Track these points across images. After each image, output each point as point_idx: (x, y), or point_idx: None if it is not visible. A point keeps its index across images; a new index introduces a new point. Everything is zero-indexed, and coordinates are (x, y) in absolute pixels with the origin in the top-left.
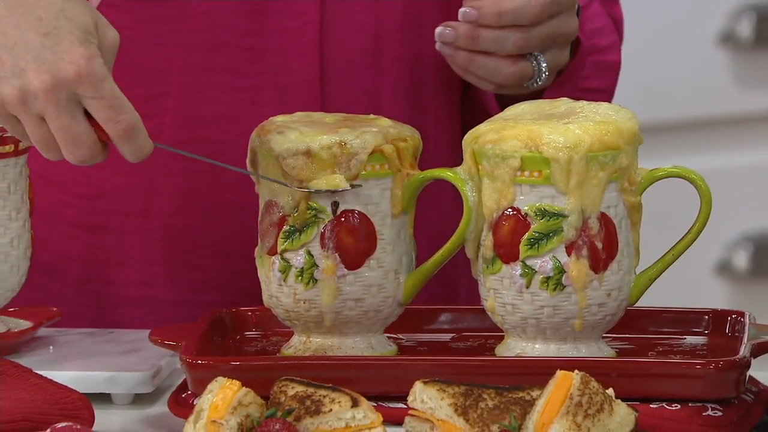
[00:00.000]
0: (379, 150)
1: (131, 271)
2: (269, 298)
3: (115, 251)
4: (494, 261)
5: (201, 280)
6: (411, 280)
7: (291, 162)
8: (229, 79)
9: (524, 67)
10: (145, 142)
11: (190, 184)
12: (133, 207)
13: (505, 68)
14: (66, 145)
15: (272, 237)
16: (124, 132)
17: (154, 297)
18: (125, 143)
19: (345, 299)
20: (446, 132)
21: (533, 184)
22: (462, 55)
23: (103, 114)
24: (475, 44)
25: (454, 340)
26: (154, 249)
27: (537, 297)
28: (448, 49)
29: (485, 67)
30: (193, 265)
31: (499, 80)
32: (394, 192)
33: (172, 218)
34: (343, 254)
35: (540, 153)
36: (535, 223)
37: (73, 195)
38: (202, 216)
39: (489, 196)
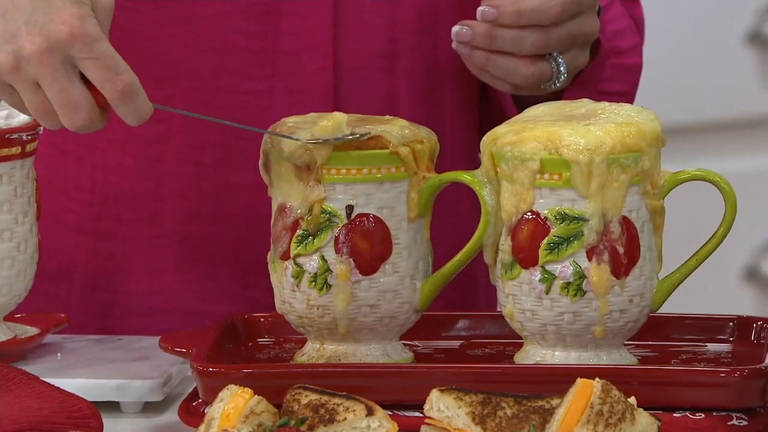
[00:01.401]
0: (395, 152)
1: (138, 280)
2: (282, 304)
3: (122, 259)
4: (513, 266)
5: (211, 290)
6: (427, 285)
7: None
8: (239, 82)
9: (542, 67)
10: (145, 103)
11: (198, 189)
12: (140, 213)
13: (523, 69)
14: (64, 111)
15: (285, 241)
16: (122, 93)
17: (163, 307)
18: (124, 104)
19: (359, 305)
20: (462, 135)
21: (553, 188)
22: (479, 55)
23: (99, 74)
24: (492, 44)
25: (471, 347)
26: (162, 257)
27: (557, 303)
28: (464, 48)
29: (502, 67)
30: (203, 273)
31: (517, 81)
32: (411, 195)
33: (180, 225)
34: (357, 259)
35: (560, 155)
36: (555, 228)
37: (76, 201)
38: (212, 222)
39: (508, 200)
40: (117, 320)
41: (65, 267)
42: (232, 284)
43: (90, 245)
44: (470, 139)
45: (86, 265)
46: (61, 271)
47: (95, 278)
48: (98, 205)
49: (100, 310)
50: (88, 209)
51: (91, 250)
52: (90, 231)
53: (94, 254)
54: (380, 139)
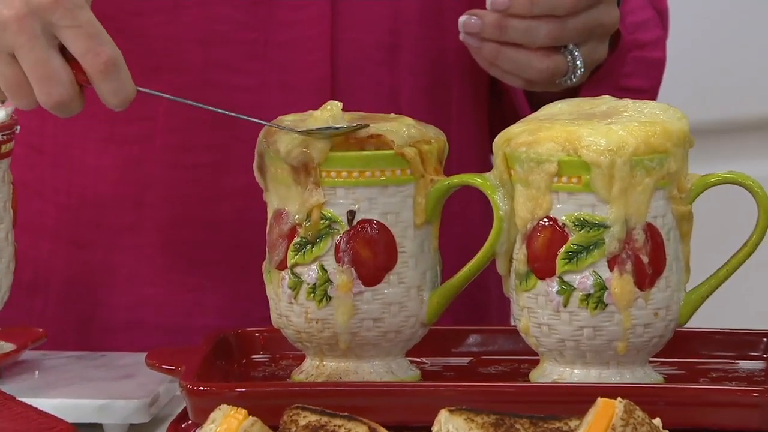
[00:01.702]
0: (401, 153)
1: (120, 292)
2: (278, 317)
3: (102, 268)
4: (528, 277)
5: (200, 302)
6: (435, 297)
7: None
8: (228, 77)
9: (557, 61)
10: (128, 81)
11: (185, 193)
12: (121, 219)
13: (537, 62)
14: (40, 84)
15: (281, 250)
16: (105, 66)
17: (146, 322)
18: (105, 80)
19: (362, 319)
20: (471, 134)
21: (571, 192)
22: (488, 47)
23: (81, 45)
24: (503, 35)
25: (483, 365)
26: (146, 267)
27: (576, 317)
28: (472, 40)
29: (514, 61)
30: (191, 285)
31: (530, 75)
32: (417, 200)
33: (165, 232)
34: (359, 269)
35: (579, 157)
36: (574, 235)
37: (52, 204)
38: (201, 229)
39: (522, 205)
40: (97, 335)
41: (41, 276)
42: (223, 296)
43: (67, 253)
44: (479, 139)
45: (63, 274)
46: (37, 280)
47: (73, 289)
48: (76, 209)
49: (79, 324)
50: (65, 213)
51: (68, 258)
52: (67, 237)
53: (71, 262)
54: (384, 139)
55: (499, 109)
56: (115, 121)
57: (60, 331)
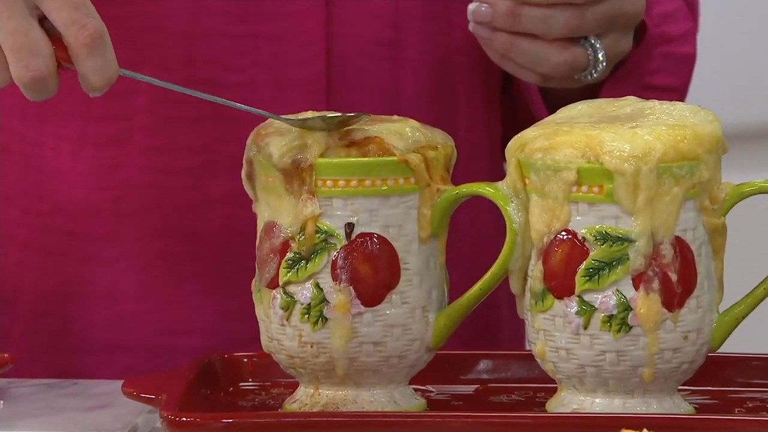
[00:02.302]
0: (404, 160)
1: (96, 308)
2: (269, 341)
3: (75, 283)
4: (544, 296)
5: (183, 321)
6: (442, 319)
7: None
8: (214, 73)
9: (577, 54)
10: (113, 60)
11: (167, 200)
12: (97, 228)
13: (554, 55)
14: (18, 55)
15: (273, 266)
16: (90, 39)
17: (124, 342)
18: (89, 56)
19: (361, 342)
20: (481, 139)
21: (592, 202)
22: (500, 39)
23: (65, 15)
24: (516, 25)
25: (494, 393)
26: (123, 281)
27: (597, 340)
28: (483, 30)
29: (528, 54)
30: (173, 302)
31: (546, 70)
32: (422, 211)
33: (145, 243)
34: (359, 287)
35: (600, 164)
36: (595, 250)
37: (21, 209)
38: (184, 241)
39: (538, 217)
40: (70, 356)
41: (8, 290)
42: (208, 315)
43: (37, 264)
44: (490, 145)
45: (33, 287)
46: (3, 294)
47: (44, 304)
48: (48, 216)
49: (50, 343)
50: (35, 220)
51: (38, 270)
52: (37, 247)
53: (42, 275)
54: (385, 143)
55: (513, 111)
56: (89, 119)
57: (28, 351)
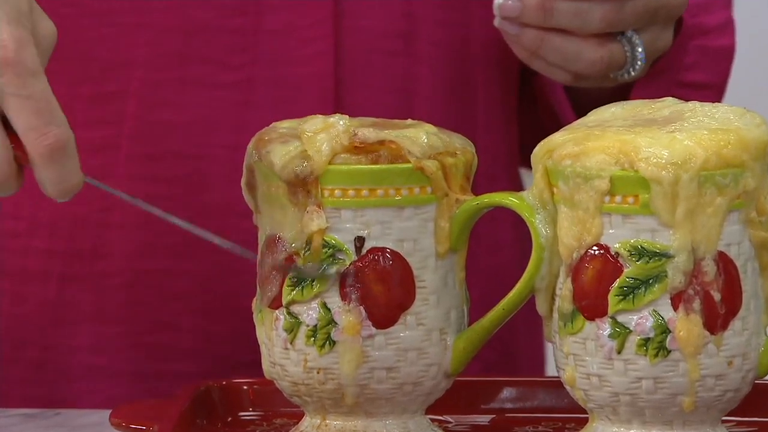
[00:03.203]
0: (419, 167)
1: (79, 332)
2: (271, 366)
3: (58, 305)
4: (574, 317)
5: (173, 345)
6: (461, 342)
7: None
8: (210, 72)
9: (613, 50)
10: (74, 171)
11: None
12: (80, 245)
13: (588, 52)
14: None
15: (275, 284)
16: (49, 150)
17: (110, 367)
18: (48, 166)
19: (373, 368)
20: (500, 143)
21: (627, 214)
22: (530, 35)
23: (26, 120)
24: (548, 19)
25: (519, 424)
26: (110, 302)
27: (632, 365)
28: (510, 26)
29: (561, 51)
30: (162, 323)
31: (579, 68)
32: (440, 224)
33: (132, 260)
34: (370, 307)
35: (636, 171)
36: (630, 266)
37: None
38: (174, 257)
39: (567, 230)
40: (50, 385)
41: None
42: (201, 338)
43: (15, 284)
44: (509, 148)
45: (9, 311)
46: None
47: (22, 330)
48: (25, 235)
49: (29, 371)
50: (11, 241)
51: (15, 293)
52: (13, 269)
53: (20, 298)
54: (399, 149)
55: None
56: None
57: (5, 379)
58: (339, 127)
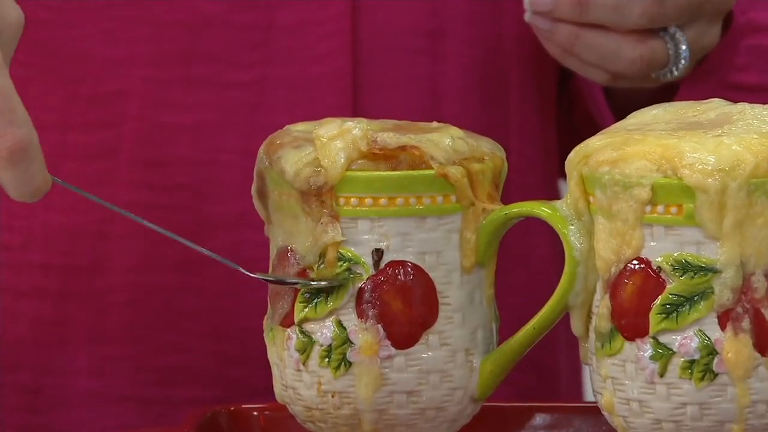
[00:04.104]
0: (443, 174)
1: (76, 354)
2: (283, 389)
3: (55, 324)
4: (613, 337)
5: (179, 368)
6: (489, 364)
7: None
8: (219, 71)
9: (655, 48)
10: (38, 173)
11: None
12: (77, 258)
13: (628, 50)
14: None
15: (287, 301)
16: (9, 153)
17: (111, 392)
18: (7, 170)
19: (392, 392)
20: (536, 149)
21: (670, 225)
22: (564, 31)
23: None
24: (584, 14)
25: None
26: (111, 321)
27: (676, 390)
28: (542, 21)
29: (597, 49)
30: (170, 344)
31: (618, 67)
32: (465, 236)
33: (134, 275)
34: (389, 326)
35: (680, 179)
36: (673, 282)
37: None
38: (181, 272)
39: (605, 243)
40: (46, 413)
41: None
42: (208, 360)
43: (6, 306)
44: (545, 156)
45: (3, 334)
46: None
47: (15, 352)
48: (19, 248)
49: (23, 397)
50: (4, 255)
51: (9, 311)
52: (6, 286)
53: (13, 317)
54: (421, 154)
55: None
56: (67, 128)
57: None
58: (356, 132)
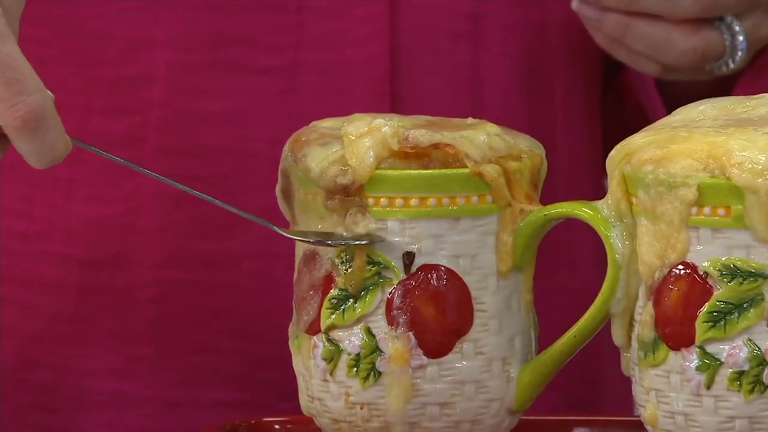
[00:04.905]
0: (477, 173)
1: (98, 353)
2: (309, 401)
3: (75, 321)
4: (656, 347)
5: (206, 369)
6: (528, 374)
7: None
8: (248, 55)
9: (709, 38)
10: (56, 140)
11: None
12: (100, 252)
13: (680, 40)
14: None
15: (313, 306)
16: (23, 123)
17: (135, 394)
18: (23, 140)
19: (424, 403)
20: (583, 146)
21: (717, 228)
22: (613, 20)
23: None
24: (633, 3)
25: None
26: (135, 318)
27: (724, 403)
28: (590, 10)
29: (648, 39)
30: (194, 344)
31: (670, 59)
32: (501, 238)
33: (160, 270)
34: (420, 334)
35: (728, 179)
36: (721, 288)
37: (5, 233)
38: (209, 267)
39: (648, 246)
40: (65, 414)
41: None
42: (237, 361)
43: (25, 299)
44: (592, 151)
45: (19, 329)
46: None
47: (33, 350)
48: (38, 238)
49: (41, 398)
50: (23, 245)
51: (26, 307)
52: (25, 277)
53: (30, 313)
54: (455, 152)
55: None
56: (89, 113)
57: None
58: (386, 130)
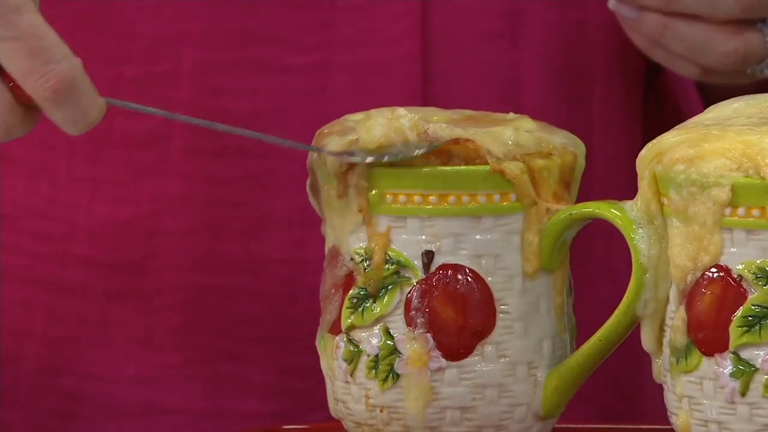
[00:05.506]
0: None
1: (122, 360)
2: (335, 403)
3: (96, 325)
4: (689, 353)
5: (239, 378)
6: (555, 379)
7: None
8: (276, 54)
9: (751, 40)
10: (90, 105)
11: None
12: (125, 255)
13: (721, 42)
14: None
15: (335, 306)
16: (54, 92)
17: (162, 403)
18: (57, 108)
19: (444, 407)
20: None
21: (752, 229)
22: (651, 21)
23: (19, 65)
24: (672, 3)
25: None
26: (162, 324)
27: (759, 410)
28: (627, 9)
29: (687, 40)
30: (226, 352)
31: (710, 61)
32: (527, 238)
33: (186, 275)
34: (440, 335)
35: (762, 179)
36: (756, 292)
37: (27, 233)
38: (238, 272)
39: (680, 248)
40: (88, 422)
41: (9, 339)
42: (266, 370)
43: (47, 303)
44: (632, 153)
45: (41, 335)
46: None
47: (55, 355)
48: (61, 240)
49: (62, 406)
50: (44, 246)
51: (48, 311)
52: (48, 281)
53: (53, 318)
54: (477, 147)
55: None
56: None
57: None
58: (404, 122)
